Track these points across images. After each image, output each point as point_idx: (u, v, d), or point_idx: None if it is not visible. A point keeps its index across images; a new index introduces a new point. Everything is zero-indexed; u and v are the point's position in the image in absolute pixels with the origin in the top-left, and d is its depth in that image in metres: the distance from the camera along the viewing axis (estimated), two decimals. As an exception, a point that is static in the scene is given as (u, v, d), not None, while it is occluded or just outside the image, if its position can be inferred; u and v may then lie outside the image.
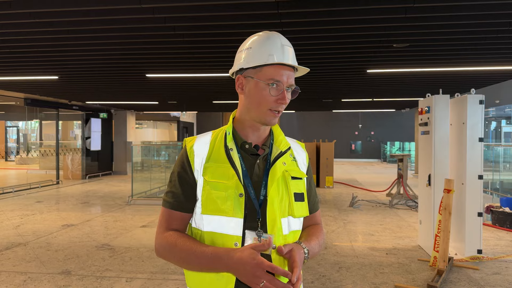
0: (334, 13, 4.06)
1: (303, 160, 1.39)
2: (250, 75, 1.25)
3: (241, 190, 1.20)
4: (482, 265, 4.66)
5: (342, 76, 7.72)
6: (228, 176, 1.22)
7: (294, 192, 1.28)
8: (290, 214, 1.25)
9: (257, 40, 1.27)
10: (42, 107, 12.33)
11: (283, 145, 1.33)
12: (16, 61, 6.33)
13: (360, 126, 24.40)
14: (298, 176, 1.32)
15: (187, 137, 1.33)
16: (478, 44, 5.19)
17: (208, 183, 1.22)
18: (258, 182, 1.24)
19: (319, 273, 4.38)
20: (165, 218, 1.28)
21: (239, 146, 1.28)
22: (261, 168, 1.27)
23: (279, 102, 1.23)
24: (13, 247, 5.34)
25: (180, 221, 1.27)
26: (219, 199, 1.20)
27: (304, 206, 1.31)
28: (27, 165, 17.27)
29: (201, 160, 1.26)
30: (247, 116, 1.29)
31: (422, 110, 5.33)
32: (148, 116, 18.90)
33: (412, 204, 8.57)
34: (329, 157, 11.59)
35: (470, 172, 4.90)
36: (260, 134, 1.31)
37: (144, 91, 9.89)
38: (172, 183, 1.29)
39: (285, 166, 1.28)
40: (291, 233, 1.25)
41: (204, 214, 1.21)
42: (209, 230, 1.21)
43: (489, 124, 18.97)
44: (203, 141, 1.31)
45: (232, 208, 1.19)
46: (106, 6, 3.81)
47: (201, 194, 1.23)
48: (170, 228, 1.26)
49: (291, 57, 1.27)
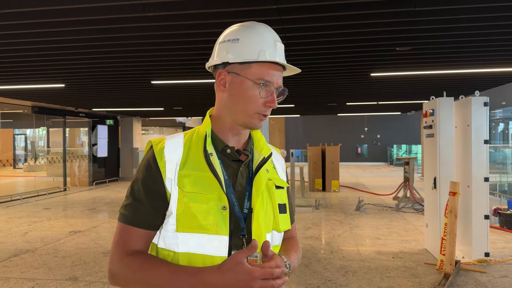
0: (337, 18, 4.08)
1: (282, 167, 1.26)
2: (235, 71, 1.09)
3: (224, 202, 1.03)
4: (489, 268, 4.62)
5: (346, 80, 7.73)
6: (209, 187, 1.04)
7: (278, 203, 1.14)
8: (274, 228, 1.12)
9: (245, 32, 1.10)
10: (49, 115, 12.48)
11: (265, 150, 1.17)
12: (23, 70, 6.42)
13: (366, 129, 24.32)
14: (281, 185, 1.18)
15: (153, 139, 1.14)
16: (481, 46, 5.19)
17: (185, 194, 1.03)
18: (242, 192, 1.09)
19: (325, 278, 4.37)
20: (123, 237, 1.05)
21: (219, 150, 1.11)
22: (244, 176, 1.11)
23: (267, 105, 1.09)
24: (21, 253, 5.39)
25: (144, 241, 1.06)
26: (199, 213, 1.01)
27: (287, 219, 1.17)
28: (35, 172, 17.43)
29: (174, 166, 1.07)
30: (228, 118, 1.12)
31: (426, 113, 5.33)
32: (154, 122, 19.02)
33: (419, 207, 8.53)
34: (335, 160, 11.56)
35: (476, 175, 4.88)
36: (241, 138, 1.15)
37: (149, 97, 9.97)
38: (136, 194, 1.07)
39: (268, 174, 1.14)
40: (273, 249, 1.10)
41: (180, 232, 1.02)
42: (186, 251, 1.02)
43: (497, 126, 18.83)
44: (174, 143, 1.11)
45: (215, 223, 1.01)
46: (111, 15, 3.87)
47: (176, 208, 1.03)
48: (130, 249, 1.04)
49: (282, 54, 1.13)
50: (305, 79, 7.52)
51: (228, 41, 1.10)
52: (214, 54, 1.15)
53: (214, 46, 1.17)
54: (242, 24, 1.13)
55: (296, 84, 8.08)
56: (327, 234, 6.37)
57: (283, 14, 3.90)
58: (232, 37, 1.10)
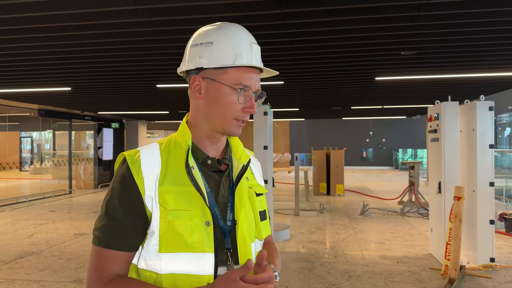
0: (341, 23, 4.09)
1: (259, 171, 1.23)
2: (210, 76, 1.03)
3: (208, 217, 0.98)
4: (495, 273, 4.59)
5: (351, 84, 7.73)
6: (193, 202, 0.98)
7: (259, 211, 1.11)
8: (257, 237, 1.09)
9: (219, 34, 1.04)
10: (55, 118, 12.59)
11: (243, 157, 1.12)
12: (30, 73, 6.49)
13: (371, 133, 24.25)
14: (261, 192, 1.15)
15: (126, 151, 1.06)
16: (486, 50, 5.17)
17: (169, 212, 0.96)
18: (224, 204, 1.04)
19: (329, 282, 4.36)
20: (100, 261, 0.98)
21: (200, 162, 1.05)
22: (226, 187, 1.06)
23: (246, 110, 1.04)
24: (27, 255, 5.43)
25: (123, 263, 0.99)
26: (184, 231, 0.96)
27: (268, 224, 1.14)
28: (41, 175, 17.53)
29: (153, 182, 0.99)
30: (205, 126, 1.07)
31: (431, 117, 5.32)
32: (159, 126, 19.10)
33: (424, 212, 8.48)
34: (340, 165, 11.54)
35: (481, 179, 4.86)
36: (219, 146, 1.10)
37: (155, 101, 10.02)
38: (111, 214, 0.98)
39: (248, 182, 1.10)
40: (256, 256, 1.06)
41: (163, 253, 0.96)
42: (170, 271, 0.96)
43: (503, 130, 18.68)
44: (150, 155, 1.03)
45: (201, 241, 0.96)
46: (117, 19, 3.91)
47: (158, 228, 0.97)
48: (109, 274, 0.97)
49: (259, 56, 1.08)
50: (309, 83, 7.53)
51: (201, 44, 1.04)
52: (186, 58, 1.09)
53: (185, 49, 1.10)
54: (214, 25, 1.07)
55: (301, 88, 8.10)
56: (332, 238, 6.35)
57: (288, 19, 3.91)
58: (205, 40, 1.04)
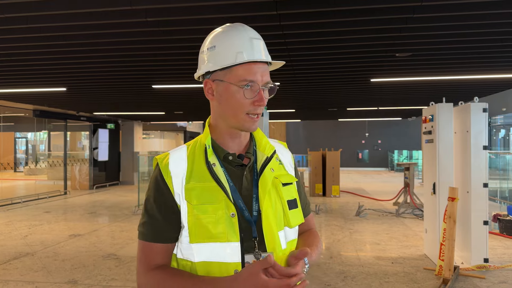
0: (337, 24, 4.12)
1: (289, 162, 1.27)
2: (218, 78, 1.11)
3: (232, 209, 1.06)
4: (488, 274, 4.62)
5: (346, 85, 7.76)
6: (216, 196, 1.07)
7: (287, 200, 1.15)
8: (286, 225, 1.14)
9: (220, 37, 1.11)
10: (51, 118, 12.53)
11: (267, 149, 1.18)
12: (25, 74, 6.46)
13: (367, 134, 24.33)
14: (289, 182, 1.19)
15: (159, 155, 1.18)
16: (481, 52, 5.22)
17: (194, 207, 1.07)
18: (249, 196, 1.11)
19: (324, 283, 4.37)
20: (145, 253, 1.11)
21: (222, 158, 1.13)
22: (249, 179, 1.13)
23: (256, 104, 1.09)
24: (21, 256, 5.40)
25: (164, 254, 1.11)
26: (209, 223, 1.05)
27: (299, 213, 1.19)
28: (36, 175, 17.45)
29: (181, 180, 1.10)
30: (223, 124, 1.14)
31: (426, 119, 5.35)
32: (155, 126, 19.06)
33: (419, 213, 8.52)
34: (335, 166, 11.57)
35: (475, 180, 4.89)
36: (241, 141, 1.17)
37: (150, 102, 10.01)
38: (149, 212, 1.12)
39: (273, 173, 1.15)
40: (288, 244, 1.14)
41: (194, 243, 1.07)
42: (202, 260, 1.06)
43: (498, 132, 18.79)
44: (178, 157, 1.15)
45: (225, 232, 1.05)
46: (113, 20, 3.91)
47: (187, 221, 1.08)
48: (153, 264, 1.10)
49: (262, 50, 1.12)
50: (305, 84, 7.55)
51: (207, 49, 1.12)
52: (199, 64, 1.17)
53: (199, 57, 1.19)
54: (219, 28, 1.14)
55: (297, 89, 8.12)
56: (327, 239, 6.37)
57: (283, 20, 3.93)
58: (210, 45, 1.12)
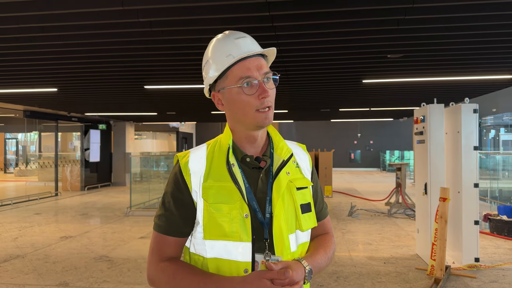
0: (329, 26, 4.13)
1: (306, 165, 1.27)
2: (221, 87, 1.15)
3: (246, 210, 1.10)
4: (479, 273, 4.66)
5: (339, 86, 7.79)
6: (231, 196, 1.11)
7: (301, 204, 1.17)
8: (298, 228, 1.16)
9: (210, 51, 1.17)
10: (41, 119, 12.39)
11: (284, 152, 1.20)
12: (15, 74, 6.39)
13: (359, 135, 24.47)
14: (304, 186, 1.20)
15: (180, 152, 1.23)
16: (472, 54, 5.27)
17: (210, 205, 1.11)
18: (263, 198, 1.14)
19: (317, 283, 4.38)
20: (158, 244, 1.17)
21: (240, 160, 1.16)
22: (265, 182, 1.15)
23: (261, 98, 1.11)
24: (11, 259, 5.34)
25: (176, 247, 1.17)
26: (224, 222, 1.09)
27: (312, 217, 1.21)
28: (26, 177, 17.26)
29: (199, 179, 1.15)
30: (239, 128, 1.17)
31: (417, 119, 5.39)
32: (147, 127, 18.96)
33: (411, 213, 8.58)
34: (328, 166, 11.61)
35: (465, 181, 4.93)
36: (258, 144, 1.20)
37: (142, 102, 9.95)
38: (166, 205, 1.17)
39: (289, 176, 1.17)
40: (299, 247, 1.17)
41: (207, 240, 1.11)
42: (214, 256, 1.11)
43: (488, 132, 18.99)
44: (198, 156, 1.19)
45: (238, 231, 1.09)
46: (104, 20, 3.88)
47: (202, 218, 1.12)
48: (164, 255, 1.16)
49: (249, 45, 1.14)
50: (298, 85, 7.57)
51: (204, 66, 1.19)
52: (204, 83, 1.23)
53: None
54: (208, 46, 1.20)
55: (290, 90, 8.13)
56: (320, 239, 6.38)
57: (276, 21, 3.93)
58: (204, 62, 1.19)
